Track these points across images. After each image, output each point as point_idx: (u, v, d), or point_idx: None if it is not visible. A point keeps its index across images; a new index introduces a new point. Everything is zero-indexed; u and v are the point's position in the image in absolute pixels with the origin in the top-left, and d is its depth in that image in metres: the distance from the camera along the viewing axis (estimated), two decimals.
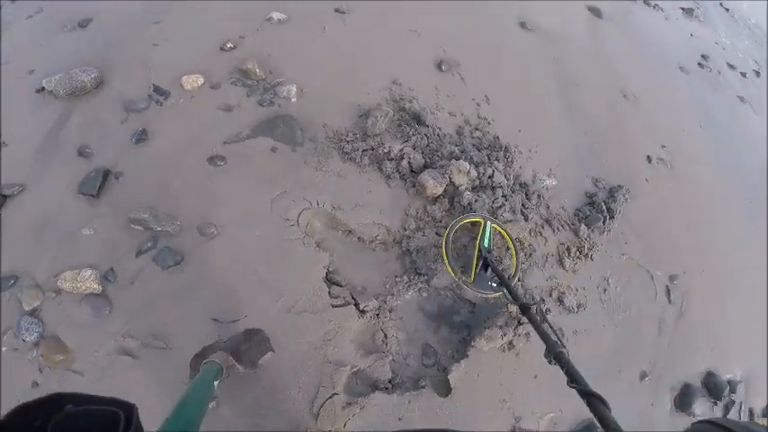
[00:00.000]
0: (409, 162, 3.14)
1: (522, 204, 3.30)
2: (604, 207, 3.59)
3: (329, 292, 2.67)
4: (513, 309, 2.86)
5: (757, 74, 7.07)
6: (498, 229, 2.99)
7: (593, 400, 1.32)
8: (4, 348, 2.34)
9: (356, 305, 2.69)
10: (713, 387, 3.32)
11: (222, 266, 2.63)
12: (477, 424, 2.59)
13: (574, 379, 1.49)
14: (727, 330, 3.70)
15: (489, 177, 3.20)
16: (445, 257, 2.73)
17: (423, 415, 2.49)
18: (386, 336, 2.69)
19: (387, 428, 2.42)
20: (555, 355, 1.65)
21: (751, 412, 3.51)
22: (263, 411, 2.34)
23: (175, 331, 2.42)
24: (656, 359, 3.24)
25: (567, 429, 2.78)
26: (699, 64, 6.23)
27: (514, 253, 2.96)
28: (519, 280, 3.02)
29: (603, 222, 3.50)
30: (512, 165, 3.49)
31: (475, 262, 2.81)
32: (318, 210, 2.92)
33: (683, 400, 3.19)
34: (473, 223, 3.01)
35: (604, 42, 5.42)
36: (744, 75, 6.76)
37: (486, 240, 2.88)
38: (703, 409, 3.21)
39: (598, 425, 1.26)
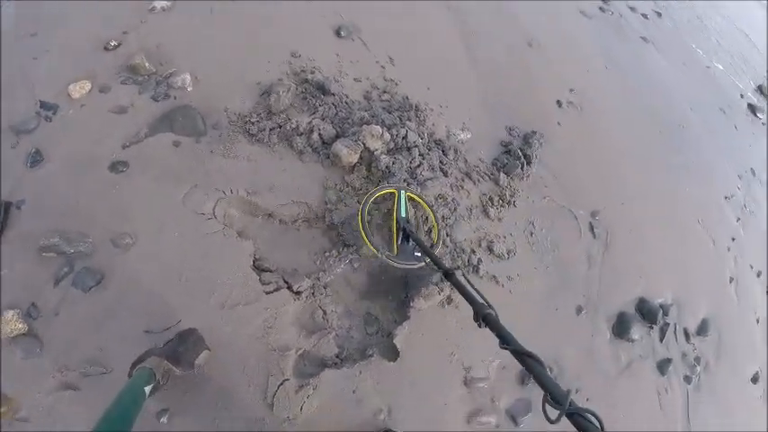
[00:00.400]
0: (320, 134, 3.20)
1: (440, 161, 3.46)
2: (521, 154, 3.84)
3: (260, 280, 2.71)
4: (446, 263, 3.05)
5: (658, 15, 7.62)
6: (414, 197, 3.09)
7: (526, 359, 1.38)
8: None
9: (289, 288, 2.75)
10: (647, 312, 3.66)
11: (145, 275, 2.61)
12: (429, 381, 2.75)
13: (505, 340, 1.52)
14: (653, 257, 4.07)
15: (403, 138, 3.32)
16: (363, 235, 2.78)
17: (375, 383, 2.62)
18: (325, 312, 2.78)
19: (343, 404, 2.54)
20: (483, 317, 1.67)
21: (686, 332, 3.88)
22: (217, 413, 2.38)
23: (112, 353, 2.40)
24: (590, 293, 3.53)
25: (519, 369, 3.00)
26: (600, 8, 6.65)
27: (434, 220, 3.09)
28: (444, 245, 3.17)
29: (521, 169, 3.74)
30: (424, 123, 3.65)
31: (395, 235, 2.90)
32: (233, 198, 2.94)
33: (621, 327, 3.50)
34: (388, 195, 3.09)
35: None
36: (645, 16, 7.27)
37: (403, 210, 2.96)
38: (641, 333, 3.54)
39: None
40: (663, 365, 3.60)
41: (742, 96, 7.58)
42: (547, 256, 3.53)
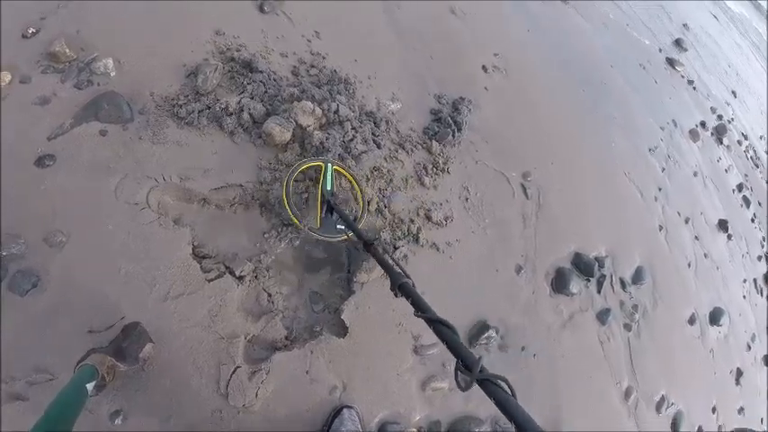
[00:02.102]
0: (250, 113, 3.19)
1: (373, 133, 3.54)
2: (451, 121, 3.99)
3: (201, 268, 2.71)
4: (386, 235, 3.17)
5: None
6: (341, 170, 3.15)
7: (438, 326, 1.48)
8: None
9: (232, 273, 2.76)
10: (583, 266, 3.91)
11: (83, 273, 2.54)
12: (380, 353, 2.87)
13: (419, 308, 1.60)
14: (585, 212, 4.34)
15: (335, 113, 3.36)
16: (287, 207, 2.83)
17: (328, 361, 2.71)
18: (270, 295, 2.83)
19: (298, 386, 2.60)
20: (399, 286, 1.74)
21: (622, 282, 4.17)
22: (172, 409, 2.38)
23: (56, 358, 2.34)
24: (527, 252, 3.74)
25: (466, 332, 3.20)
26: None
27: (359, 192, 3.16)
28: (383, 216, 3.28)
29: (453, 136, 3.89)
30: (354, 96, 3.72)
31: (319, 207, 2.96)
32: (166, 185, 2.90)
33: (559, 283, 3.73)
34: (315, 168, 3.13)
35: None
36: None
37: (329, 183, 3.02)
38: (579, 287, 3.78)
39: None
40: (603, 315, 3.87)
41: (660, 51, 8.09)
42: (483, 219, 3.70)
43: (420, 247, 3.28)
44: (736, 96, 9.38)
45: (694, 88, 8.04)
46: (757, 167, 8.00)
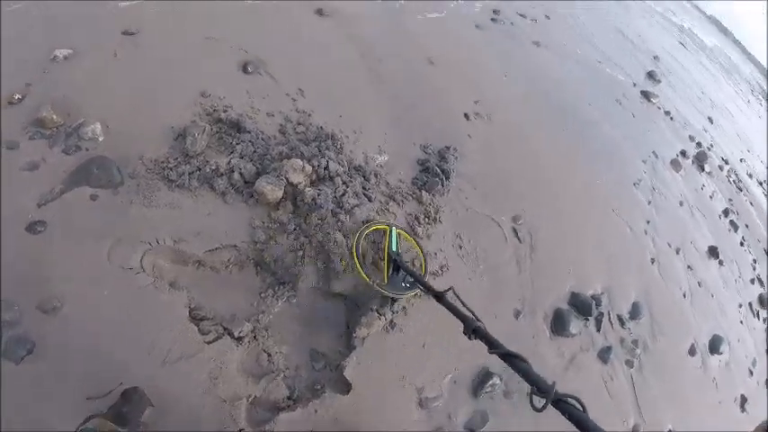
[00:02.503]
0: (241, 173, 3.20)
1: (363, 187, 3.56)
2: (438, 170, 4.02)
3: (199, 330, 2.67)
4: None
5: (547, 18, 8.28)
6: (402, 233, 3.31)
7: (511, 358, 1.62)
8: None
9: (230, 334, 2.72)
10: (581, 305, 3.90)
11: (78, 339, 2.49)
12: (384, 408, 2.80)
13: (493, 345, 1.76)
14: (577, 251, 4.35)
15: (325, 168, 3.39)
16: (358, 266, 2.94)
17: (333, 419, 2.64)
18: (270, 355, 2.78)
19: None
20: (473, 330, 1.92)
21: (620, 318, 4.15)
22: None
23: (55, 426, 2.27)
24: (524, 295, 3.72)
25: (470, 382, 3.13)
26: (492, 19, 7.16)
27: (421, 252, 3.33)
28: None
29: (441, 184, 3.92)
30: (342, 151, 3.74)
31: (386, 265, 3.07)
32: (160, 248, 2.88)
33: (558, 324, 3.72)
34: (377, 230, 3.27)
35: (401, 14, 5.99)
36: (534, 21, 7.88)
37: (394, 244, 3.16)
38: (578, 327, 3.76)
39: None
40: (604, 354, 3.84)
41: (635, 85, 8.27)
42: (478, 266, 3.69)
43: (418, 299, 3.25)
44: (712, 122, 9.57)
45: (671, 118, 8.20)
46: (741, 191, 8.08)
